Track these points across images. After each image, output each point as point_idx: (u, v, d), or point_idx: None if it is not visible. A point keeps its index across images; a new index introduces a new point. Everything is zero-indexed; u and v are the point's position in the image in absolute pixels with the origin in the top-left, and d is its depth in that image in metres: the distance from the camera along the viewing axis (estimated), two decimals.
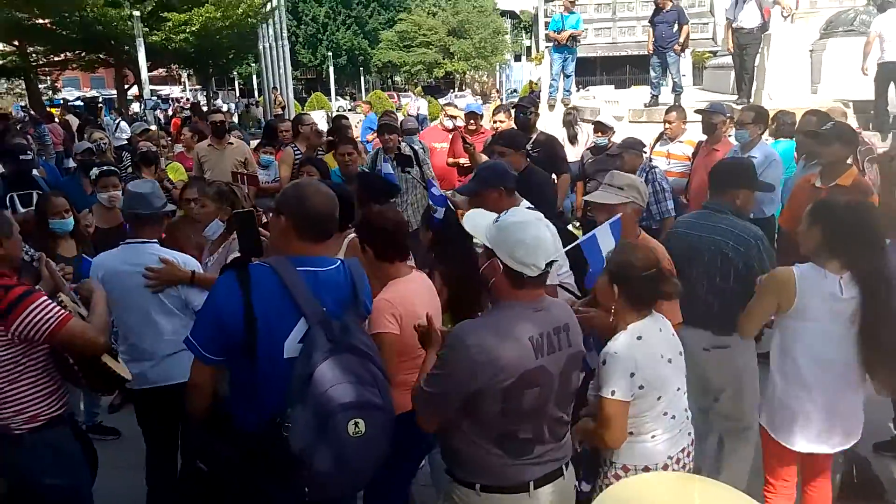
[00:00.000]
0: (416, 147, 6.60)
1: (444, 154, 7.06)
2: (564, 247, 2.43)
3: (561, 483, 2.32)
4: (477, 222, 2.32)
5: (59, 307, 2.57)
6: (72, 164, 8.39)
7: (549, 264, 2.17)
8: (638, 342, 2.48)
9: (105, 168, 5.27)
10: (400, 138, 6.42)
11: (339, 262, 2.52)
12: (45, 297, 2.57)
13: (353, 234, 3.44)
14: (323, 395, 2.17)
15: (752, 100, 9.40)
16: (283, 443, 2.14)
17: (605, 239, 3.14)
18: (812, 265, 2.81)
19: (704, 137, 6.14)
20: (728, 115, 6.02)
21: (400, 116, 9.74)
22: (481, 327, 2.19)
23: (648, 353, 2.48)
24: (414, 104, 25.61)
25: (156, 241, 3.45)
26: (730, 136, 6.00)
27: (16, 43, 25.80)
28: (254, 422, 2.30)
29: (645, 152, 6.00)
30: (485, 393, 2.11)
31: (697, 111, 6.41)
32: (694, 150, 6.26)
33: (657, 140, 6.72)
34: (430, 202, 4.17)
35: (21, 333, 2.48)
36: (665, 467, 2.52)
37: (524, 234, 2.14)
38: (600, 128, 6.89)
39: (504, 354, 2.10)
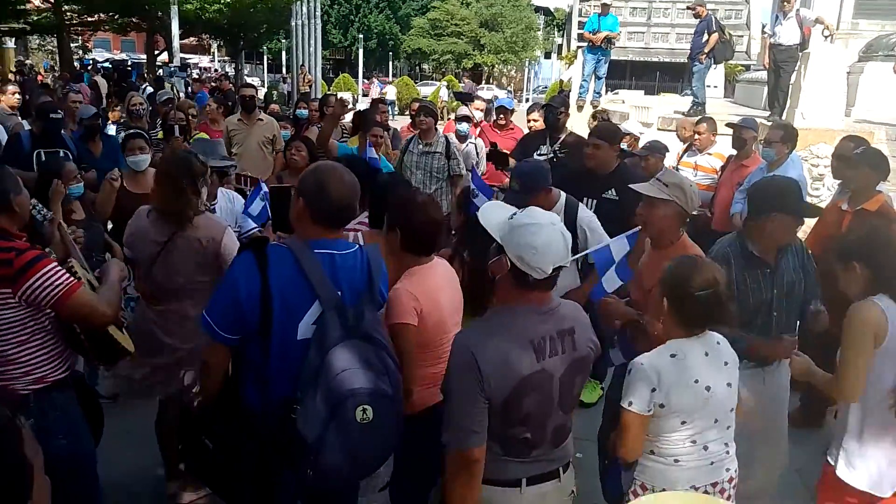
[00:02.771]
0: (449, 138, 6.59)
1: None
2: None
3: (556, 485, 2.29)
4: (491, 216, 2.24)
5: (68, 275, 2.55)
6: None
7: (558, 269, 2.13)
8: (670, 360, 2.40)
9: (132, 130, 5.25)
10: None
11: (357, 247, 2.50)
12: (55, 264, 2.54)
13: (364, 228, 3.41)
14: (333, 379, 2.17)
15: (784, 117, 9.29)
16: (291, 425, 2.14)
17: (619, 250, 3.11)
18: (882, 296, 2.64)
19: (734, 152, 6.10)
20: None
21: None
22: (483, 332, 2.16)
23: (678, 374, 2.38)
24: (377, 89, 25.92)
25: None
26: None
27: (51, 1, 25.94)
28: (262, 402, 2.30)
29: (667, 155, 5.97)
30: (489, 398, 2.08)
31: (728, 125, 6.35)
32: (723, 164, 6.21)
33: (685, 150, 6.68)
34: (472, 186, 4.13)
35: (28, 298, 2.46)
36: None
37: (535, 237, 2.09)
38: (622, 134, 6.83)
39: (505, 361, 2.07)
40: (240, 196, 4.30)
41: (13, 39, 31.92)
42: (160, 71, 23.03)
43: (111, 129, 7.06)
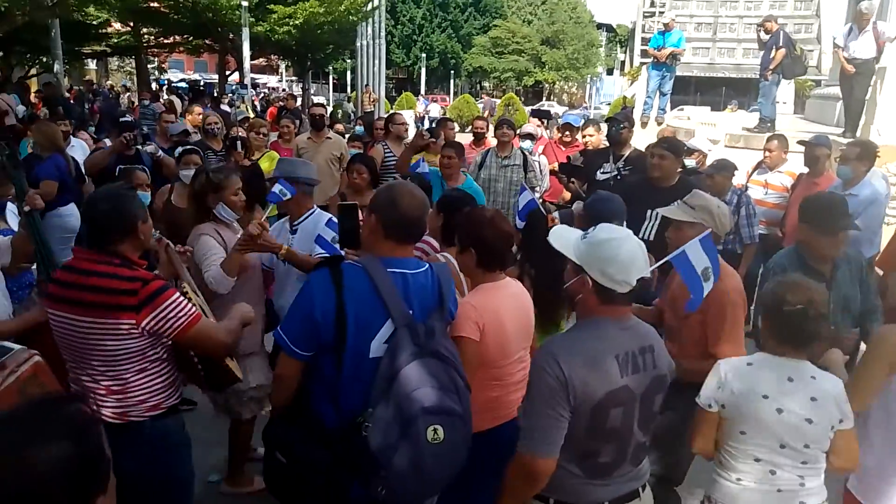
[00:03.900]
0: (525, 151, 6.69)
1: None
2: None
3: None
4: (564, 238, 2.28)
5: (190, 305, 2.56)
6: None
7: (639, 281, 2.14)
8: (746, 366, 2.43)
9: (188, 146, 5.50)
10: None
11: (427, 265, 2.54)
12: (178, 295, 2.54)
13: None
14: (406, 397, 2.20)
15: (858, 134, 8.99)
16: (363, 441, 2.17)
17: (697, 256, 2.92)
18: None
19: (806, 169, 5.94)
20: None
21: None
22: (568, 344, 2.18)
23: (748, 381, 2.39)
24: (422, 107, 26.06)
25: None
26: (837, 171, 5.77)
27: (131, 24, 27.26)
28: (334, 419, 2.34)
29: (736, 174, 5.84)
30: (573, 411, 2.09)
31: (800, 142, 6.19)
32: (794, 182, 6.06)
33: (755, 168, 6.53)
34: (517, 208, 4.17)
35: (151, 329, 2.46)
36: None
37: (618, 251, 2.11)
38: (690, 151, 6.73)
39: (591, 372, 2.09)
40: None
41: (94, 61, 33.66)
42: (229, 90, 23.92)
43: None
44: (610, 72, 49.74)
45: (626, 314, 2.22)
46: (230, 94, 20.75)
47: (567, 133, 7.26)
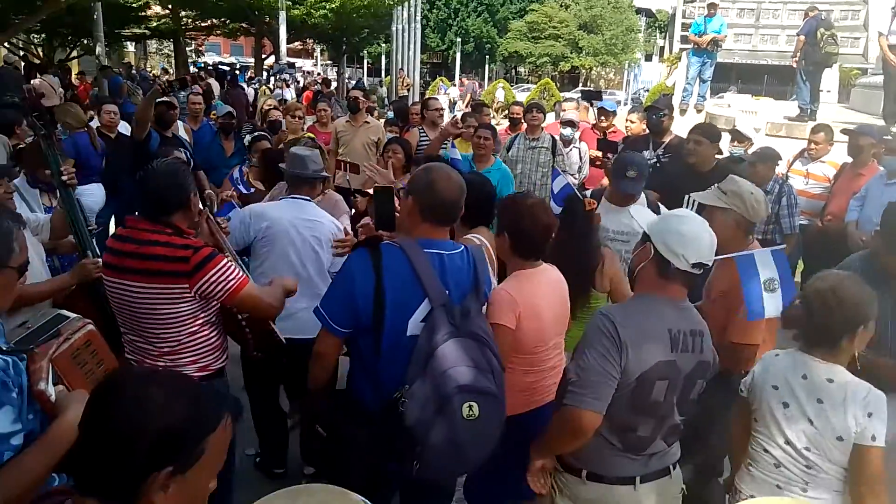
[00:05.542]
0: (566, 136, 6.76)
1: None
2: None
3: (667, 482, 2.33)
4: (641, 214, 2.47)
5: (238, 270, 2.71)
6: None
7: (698, 266, 2.17)
8: (772, 357, 2.48)
9: (257, 133, 5.64)
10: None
11: (463, 247, 2.57)
12: (228, 260, 2.69)
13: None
14: (442, 374, 2.23)
15: None
16: (399, 417, 2.22)
17: (765, 264, 2.79)
18: None
19: (848, 159, 5.81)
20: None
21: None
22: (625, 309, 2.24)
23: (765, 371, 2.45)
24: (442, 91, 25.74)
25: (311, 199, 3.67)
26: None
27: (170, 6, 27.59)
28: (373, 396, 2.39)
29: (779, 164, 5.73)
30: (622, 375, 2.13)
31: (844, 131, 6.06)
32: (837, 173, 5.93)
33: (796, 157, 6.40)
34: (552, 193, 4.18)
35: (203, 292, 2.61)
36: None
37: (683, 225, 2.20)
38: (737, 137, 6.58)
39: (646, 340, 2.14)
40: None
41: (133, 44, 34.14)
42: (266, 73, 24.06)
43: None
44: (649, 58, 48.90)
45: (681, 295, 2.27)
46: (276, 75, 20.83)
47: (602, 118, 7.19)
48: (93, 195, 5.98)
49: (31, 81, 14.06)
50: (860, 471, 2.22)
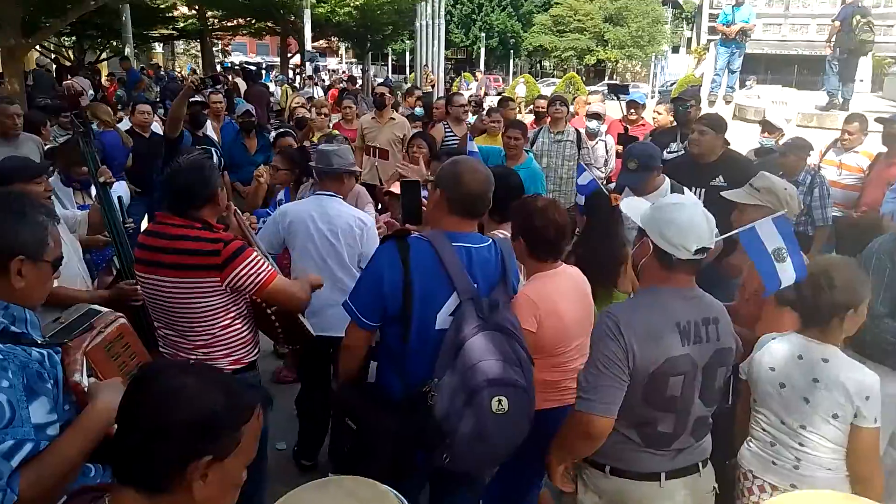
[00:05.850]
0: (591, 130, 6.75)
1: None
2: None
3: (695, 479, 2.27)
4: (632, 206, 2.35)
5: (267, 263, 2.75)
6: None
7: (701, 251, 2.12)
8: (770, 340, 2.50)
9: (282, 129, 5.66)
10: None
11: (491, 240, 2.56)
12: (257, 253, 2.73)
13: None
14: (471, 368, 2.23)
15: None
16: (428, 410, 2.23)
17: (769, 235, 2.77)
18: None
19: (883, 149, 5.69)
20: None
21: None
22: (630, 310, 2.18)
23: (763, 353, 2.49)
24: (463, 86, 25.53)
25: (339, 195, 3.69)
26: None
27: (196, 7, 27.93)
28: (401, 389, 2.40)
29: (811, 155, 5.63)
30: (632, 375, 2.10)
31: (878, 119, 5.93)
32: (871, 163, 5.80)
33: (829, 147, 6.27)
34: (577, 188, 4.16)
35: (234, 285, 2.64)
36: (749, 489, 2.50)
37: (677, 214, 2.14)
38: (767, 128, 6.45)
39: (651, 339, 2.09)
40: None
41: (161, 45, 34.62)
42: (293, 72, 24.21)
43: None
44: (675, 49, 48.31)
45: (688, 284, 2.22)
46: (310, 63, 20.96)
47: (632, 111, 7.13)
48: (116, 192, 6.08)
49: (63, 83, 14.31)
50: (858, 454, 2.31)
